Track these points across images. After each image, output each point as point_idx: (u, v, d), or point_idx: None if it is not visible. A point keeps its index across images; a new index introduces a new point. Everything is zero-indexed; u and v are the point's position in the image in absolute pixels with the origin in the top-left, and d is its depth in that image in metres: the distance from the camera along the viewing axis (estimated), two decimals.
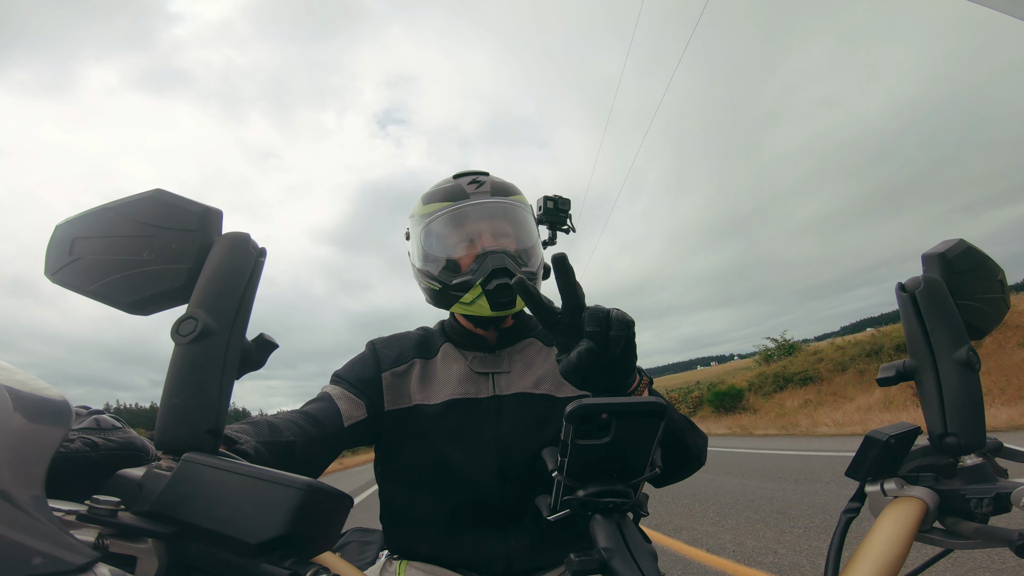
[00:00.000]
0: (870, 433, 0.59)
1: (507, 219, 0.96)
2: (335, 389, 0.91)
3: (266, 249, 0.48)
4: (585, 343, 0.57)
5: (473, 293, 0.89)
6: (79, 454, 0.39)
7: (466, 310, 0.92)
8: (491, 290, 0.88)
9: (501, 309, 0.90)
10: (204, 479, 0.38)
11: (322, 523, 0.39)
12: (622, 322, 0.58)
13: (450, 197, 0.95)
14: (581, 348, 0.57)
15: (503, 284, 0.88)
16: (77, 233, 0.45)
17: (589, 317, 0.58)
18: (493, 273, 0.88)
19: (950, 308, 0.59)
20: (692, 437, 0.86)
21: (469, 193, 0.95)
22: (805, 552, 3.40)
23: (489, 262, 0.89)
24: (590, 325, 0.58)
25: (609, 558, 0.46)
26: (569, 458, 0.48)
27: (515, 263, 0.91)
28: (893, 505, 0.58)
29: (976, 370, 0.57)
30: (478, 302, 0.90)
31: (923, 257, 0.63)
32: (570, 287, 0.58)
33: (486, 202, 0.94)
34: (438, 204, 0.95)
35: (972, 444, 0.56)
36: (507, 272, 0.89)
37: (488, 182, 0.97)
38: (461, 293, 0.90)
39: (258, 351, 0.47)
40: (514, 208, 0.98)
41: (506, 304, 0.89)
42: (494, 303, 0.89)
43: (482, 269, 0.89)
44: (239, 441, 0.62)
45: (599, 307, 0.59)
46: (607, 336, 0.58)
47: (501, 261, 0.89)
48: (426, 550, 0.91)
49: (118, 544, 0.36)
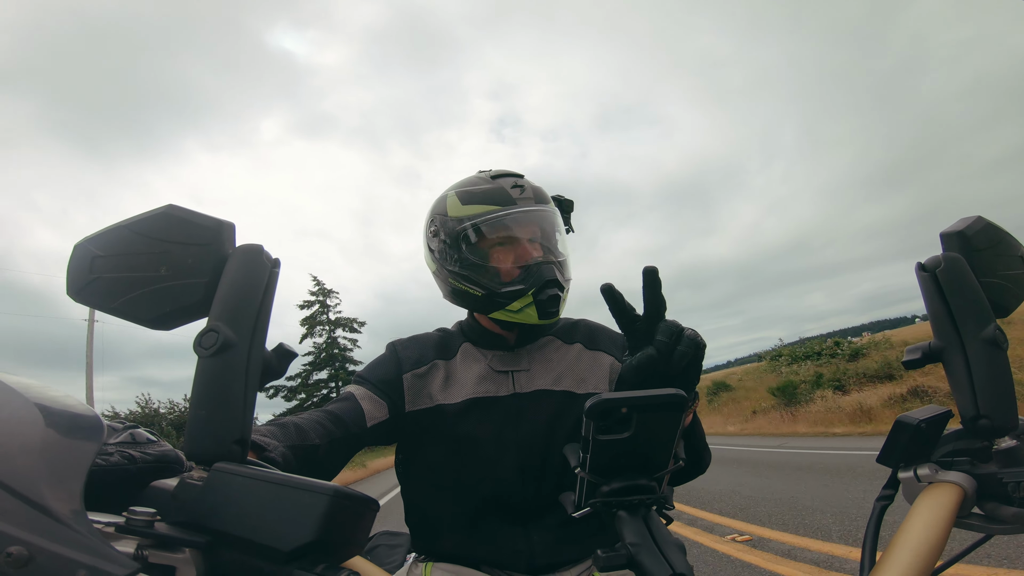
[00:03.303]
0: (900, 417, 0.58)
1: (550, 229, 0.97)
2: (358, 389, 0.93)
3: (280, 260, 0.49)
4: (651, 350, 0.60)
5: (522, 302, 0.90)
6: (118, 467, 0.40)
7: (511, 317, 0.92)
8: (543, 300, 0.89)
9: (548, 318, 0.91)
10: (234, 488, 0.39)
11: (350, 528, 0.40)
12: (693, 341, 0.61)
13: (495, 200, 0.93)
14: (645, 353, 0.60)
15: (554, 295, 0.90)
16: (96, 252, 0.46)
17: (663, 328, 0.61)
18: (547, 284, 0.89)
19: (973, 286, 0.57)
20: (707, 450, 0.88)
21: (516, 199, 0.93)
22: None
23: (543, 273, 0.90)
24: (661, 335, 0.60)
25: (636, 553, 0.46)
26: (591, 454, 0.47)
27: (562, 273, 0.93)
28: (929, 491, 0.56)
29: (1004, 349, 0.56)
30: (527, 311, 0.90)
31: (942, 236, 0.61)
32: (654, 299, 0.61)
33: (533, 210, 0.94)
34: (481, 207, 0.93)
35: (1006, 426, 0.54)
36: (557, 283, 0.90)
37: (529, 187, 0.96)
38: (508, 301, 0.91)
39: (278, 361, 0.48)
40: (554, 216, 0.98)
41: (553, 314, 0.91)
42: (543, 312, 0.90)
43: (535, 279, 0.90)
44: (268, 448, 0.64)
45: (676, 323, 0.62)
46: (673, 349, 0.60)
47: (552, 272, 0.90)
48: (450, 549, 0.92)
49: (157, 555, 0.37)
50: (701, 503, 5.55)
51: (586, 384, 0.97)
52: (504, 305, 0.91)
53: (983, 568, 2.75)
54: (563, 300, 0.93)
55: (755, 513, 4.85)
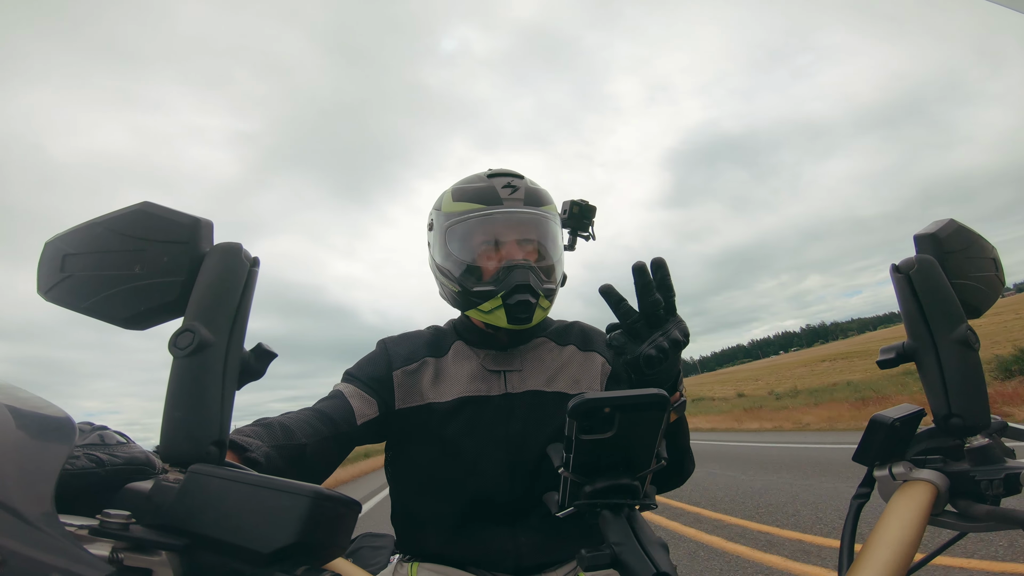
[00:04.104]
0: (875, 416, 0.59)
1: (536, 231, 0.95)
2: (347, 387, 0.92)
3: (259, 258, 0.48)
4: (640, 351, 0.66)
5: (492, 304, 0.89)
6: (85, 470, 0.39)
7: (483, 318, 0.92)
8: (511, 304, 0.88)
9: (517, 324, 0.89)
10: (212, 490, 0.38)
11: (332, 530, 0.40)
12: (675, 342, 0.67)
13: (482, 199, 0.93)
14: (644, 351, 0.66)
15: (524, 300, 0.88)
16: (67, 249, 0.45)
17: (651, 330, 0.67)
18: (516, 288, 0.88)
19: (945, 288, 0.58)
20: (690, 453, 0.88)
21: (503, 199, 0.93)
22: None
23: (514, 276, 0.88)
24: (647, 337, 0.67)
25: (620, 552, 0.46)
26: (574, 454, 0.48)
27: (539, 279, 0.91)
28: (903, 489, 0.57)
29: (976, 349, 0.57)
30: (496, 313, 0.89)
31: (915, 238, 0.62)
32: (651, 297, 0.66)
33: (518, 211, 0.92)
34: (468, 204, 0.93)
35: (977, 424, 0.56)
36: (529, 289, 0.88)
37: (523, 188, 0.95)
38: (480, 301, 0.90)
39: (257, 361, 0.47)
40: (544, 220, 0.96)
41: (523, 320, 0.89)
42: (512, 317, 0.89)
43: (506, 282, 0.88)
44: (249, 448, 0.63)
45: (671, 321, 0.68)
46: (659, 346, 0.66)
47: (525, 277, 0.88)
48: (436, 549, 0.91)
49: (132, 557, 0.36)
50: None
51: (579, 385, 0.97)
52: (476, 304, 0.91)
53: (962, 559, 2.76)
54: (540, 307, 0.91)
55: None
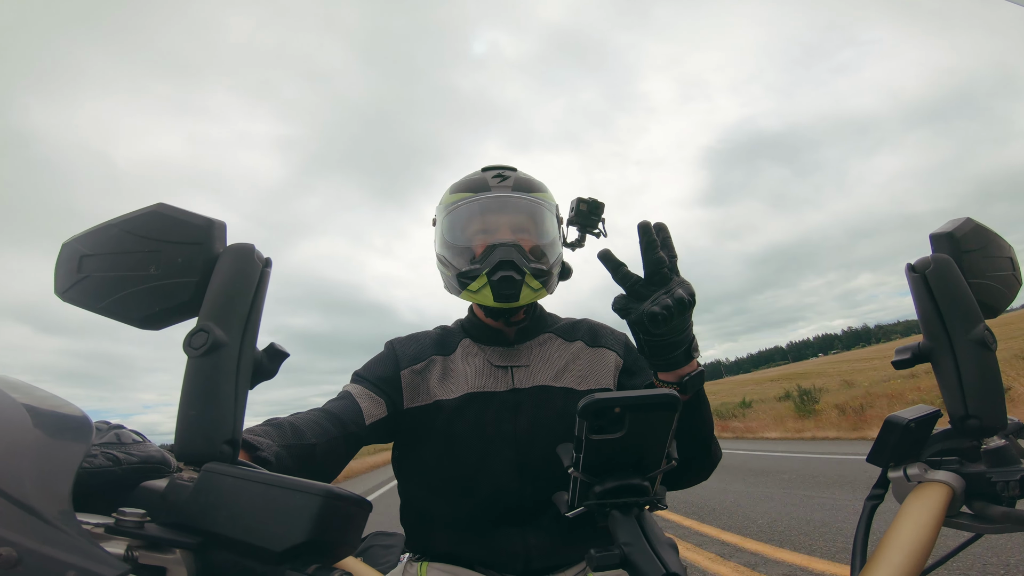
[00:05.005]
0: (890, 417, 0.58)
1: (525, 215, 0.98)
2: (356, 388, 0.93)
3: (271, 259, 0.48)
4: (643, 310, 0.67)
5: (479, 282, 0.91)
6: (102, 469, 0.39)
7: (472, 298, 0.95)
8: (495, 281, 0.90)
9: (504, 301, 0.91)
10: (225, 489, 0.38)
11: (342, 528, 0.40)
12: (680, 300, 0.67)
13: (473, 188, 0.98)
14: (639, 312, 0.68)
15: (507, 277, 0.90)
16: (84, 251, 0.46)
17: (651, 282, 0.68)
18: (499, 265, 0.90)
19: (962, 287, 0.58)
20: (715, 440, 0.87)
21: (492, 186, 0.97)
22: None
23: (497, 254, 0.91)
24: (651, 296, 0.68)
25: (629, 553, 0.46)
26: (584, 454, 0.47)
27: (525, 258, 0.92)
28: (918, 491, 0.57)
29: (993, 349, 0.56)
30: (483, 291, 0.92)
31: (931, 237, 0.62)
32: (655, 254, 0.68)
33: (505, 196, 0.97)
34: (461, 194, 0.98)
35: (994, 425, 0.55)
36: (513, 265, 0.90)
37: (513, 177, 0.99)
38: (469, 281, 0.93)
39: (269, 361, 0.47)
40: (533, 204, 0.99)
41: (509, 296, 0.91)
42: (497, 294, 0.90)
43: (489, 260, 0.91)
44: (260, 447, 0.63)
45: (668, 278, 0.69)
46: (663, 303, 0.67)
47: (508, 254, 0.91)
48: (445, 549, 0.91)
49: (147, 555, 0.37)
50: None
51: (588, 381, 0.97)
52: (466, 285, 0.93)
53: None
54: (528, 286, 0.92)
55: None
